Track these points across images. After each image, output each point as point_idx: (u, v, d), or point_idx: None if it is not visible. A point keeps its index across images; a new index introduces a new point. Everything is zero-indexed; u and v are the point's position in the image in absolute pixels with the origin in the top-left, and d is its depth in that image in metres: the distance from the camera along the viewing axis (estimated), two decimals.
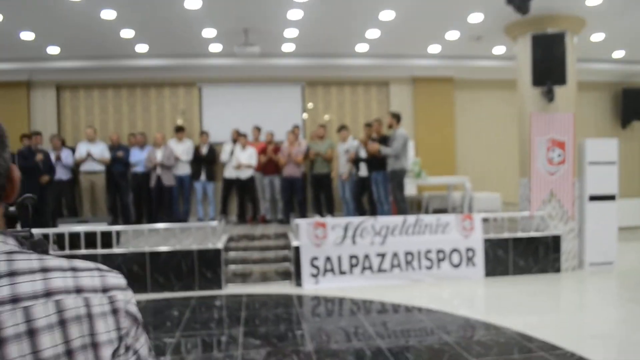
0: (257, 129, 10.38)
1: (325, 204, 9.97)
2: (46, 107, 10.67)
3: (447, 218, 7.55)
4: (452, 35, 9.11)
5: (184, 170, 10.15)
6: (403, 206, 8.28)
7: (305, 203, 9.96)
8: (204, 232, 8.24)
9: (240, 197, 10.13)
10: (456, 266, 7.44)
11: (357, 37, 9.25)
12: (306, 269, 7.10)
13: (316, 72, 10.80)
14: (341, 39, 9.37)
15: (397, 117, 8.21)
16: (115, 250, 6.96)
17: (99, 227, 7.03)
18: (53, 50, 9.45)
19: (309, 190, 10.29)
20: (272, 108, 10.94)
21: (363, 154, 8.93)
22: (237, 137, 10.06)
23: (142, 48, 9.54)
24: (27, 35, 8.49)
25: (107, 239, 7.05)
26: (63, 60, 9.99)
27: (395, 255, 7.31)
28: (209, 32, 8.71)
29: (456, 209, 10.22)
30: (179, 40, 9.19)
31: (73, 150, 9.76)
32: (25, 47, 9.11)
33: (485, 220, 8.05)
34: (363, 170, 9.06)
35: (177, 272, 6.97)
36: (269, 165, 9.93)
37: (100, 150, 9.67)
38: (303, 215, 9.69)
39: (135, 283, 6.87)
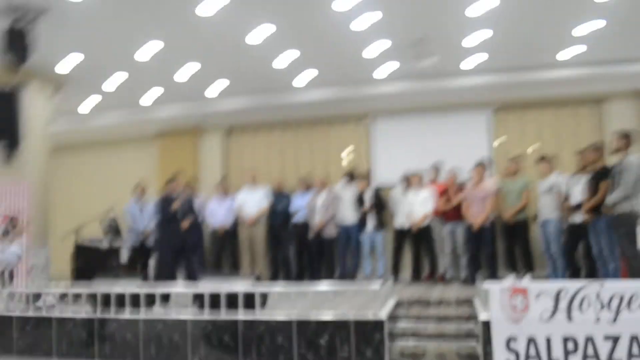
0: (435, 168, 8.66)
1: (521, 259, 7.80)
2: (213, 153, 10.31)
3: None
4: None
5: (352, 219, 8.79)
6: (638, 265, 5.88)
7: (495, 258, 7.92)
8: (366, 295, 6.72)
9: (415, 250, 8.44)
10: None
11: (562, 37, 7.21)
12: (500, 354, 5.11)
13: (507, 92, 8.80)
14: (541, 42, 7.39)
15: (627, 139, 5.90)
16: (258, 316, 5.75)
17: (241, 287, 5.92)
18: (218, 88, 9.02)
19: (500, 242, 8.22)
20: (453, 141, 9.14)
21: (577, 195, 6.69)
22: (409, 181, 8.50)
23: (305, 77, 8.63)
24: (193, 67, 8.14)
25: (251, 301, 5.89)
26: (228, 96, 9.55)
27: (634, 339, 4.97)
28: (377, 48, 7.41)
29: None
30: (343, 62, 8.09)
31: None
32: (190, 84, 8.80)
33: None
34: (577, 215, 6.79)
35: (330, 347, 5.49)
36: (450, 211, 8.12)
37: (260, 197, 8.84)
38: (492, 274, 7.66)
39: (281, 357, 5.56)
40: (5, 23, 6.03)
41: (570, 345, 5.04)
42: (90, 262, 7.84)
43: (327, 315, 5.58)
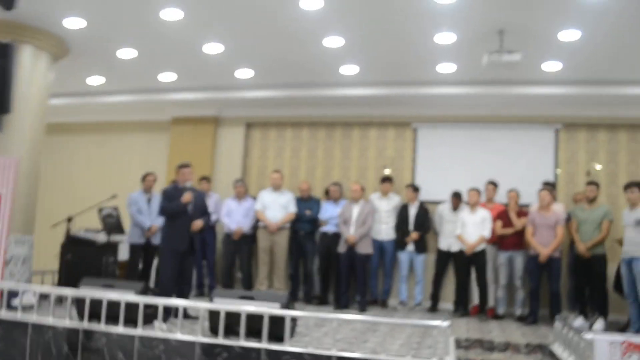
0: (493, 185, 7.47)
1: (593, 301, 6.56)
2: (233, 147, 9.08)
3: None
4: None
5: (388, 235, 7.64)
6: None
7: (559, 296, 6.67)
8: (419, 330, 5.48)
9: (461, 277, 7.21)
10: None
11: None
12: None
13: (578, 108, 7.65)
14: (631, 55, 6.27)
15: None
16: (288, 347, 4.50)
17: (266, 309, 4.68)
18: (244, 73, 7.83)
19: (567, 278, 7.02)
20: (510, 159, 7.99)
21: None
22: (456, 200, 7.38)
23: (349, 70, 7.43)
24: (215, 48, 6.92)
25: (278, 327, 4.65)
26: (254, 89, 8.35)
27: None
28: (443, 38, 6.23)
29: None
30: (395, 57, 6.92)
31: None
32: (213, 67, 7.59)
33: None
34: None
35: None
36: (509, 237, 6.92)
37: (286, 201, 7.65)
38: (554, 314, 6.38)
39: None
40: None
41: None
42: (83, 256, 6.62)
43: (380, 355, 4.35)
